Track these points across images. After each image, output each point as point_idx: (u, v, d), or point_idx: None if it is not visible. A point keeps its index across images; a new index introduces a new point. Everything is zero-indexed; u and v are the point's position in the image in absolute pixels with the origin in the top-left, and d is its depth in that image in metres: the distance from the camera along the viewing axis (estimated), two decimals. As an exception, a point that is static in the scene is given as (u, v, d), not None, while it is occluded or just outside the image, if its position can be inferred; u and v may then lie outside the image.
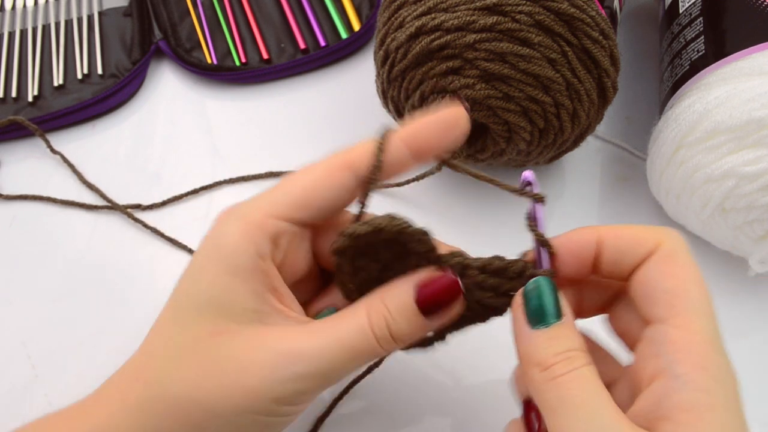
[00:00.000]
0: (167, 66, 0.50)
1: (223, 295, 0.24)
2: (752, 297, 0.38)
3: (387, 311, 0.24)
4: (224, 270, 0.24)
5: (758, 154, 0.31)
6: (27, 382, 0.36)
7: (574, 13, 0.32)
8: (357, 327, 0.24)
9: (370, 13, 0.49)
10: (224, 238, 0.25)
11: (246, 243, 0.25)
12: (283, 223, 0.25)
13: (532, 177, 0.26)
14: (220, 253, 0.25)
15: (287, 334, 0.24)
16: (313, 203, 0.25)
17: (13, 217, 0.43)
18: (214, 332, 0.24)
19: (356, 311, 0.25)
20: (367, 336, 0.24)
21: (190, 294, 0.25)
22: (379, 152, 0.25)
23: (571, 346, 0.23)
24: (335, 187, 0.25)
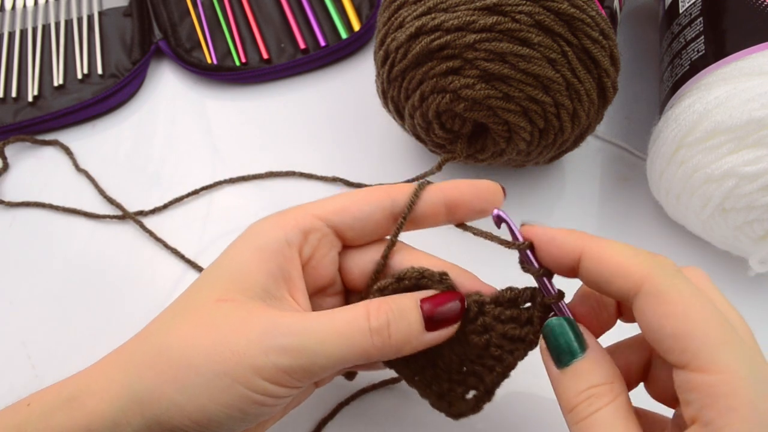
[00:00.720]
0: (167, 66, 0.50)
1: (241, 267, 0.26)
2: (752, 297, 0.38)
3: (390, 309, 0.25)
4: (248, 247, 0.26)
5: (758, 154, 0.31)
6: (27, 382, 0.36)
7: (574, 13, 0.32)
8: (352, 317, 0.25)
9: (370, 13, 0.49)
10: (261, 225, 0.27)
11: (275, 229, 0.26)
12: (317, 221, 0.27)
13: (505, 215, 0.26)
14: (251, 236, 0.27)
15: (284, 314, 0.25)
16: (349, 212, 0.27)
17: (14, 218, 0.43)
18: (221, 299, 0.25)
19: (356, 305, 0.25)
20: (360, 327, 0.24)
21: (214, 269, 0.27)
22: (418, 191, 0.27)
23: (593, 382, 0.22)
24: (372, 205, 0.27)
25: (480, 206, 0.27)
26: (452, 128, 0.36)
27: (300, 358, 0.24)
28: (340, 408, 0.34)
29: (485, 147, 0.37)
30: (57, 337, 0.38)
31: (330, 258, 0.28)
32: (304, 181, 0.43)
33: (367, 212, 0.27)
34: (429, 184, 0.28)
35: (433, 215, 0.28)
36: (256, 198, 0.43)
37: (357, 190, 0.28)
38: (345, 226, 0.27)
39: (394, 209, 0.28)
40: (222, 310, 0.25)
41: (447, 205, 0.28)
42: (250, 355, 0.23)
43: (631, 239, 0.40)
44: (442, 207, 0.28)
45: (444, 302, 0.26)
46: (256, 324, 0.24)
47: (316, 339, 0.24)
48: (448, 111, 0.35)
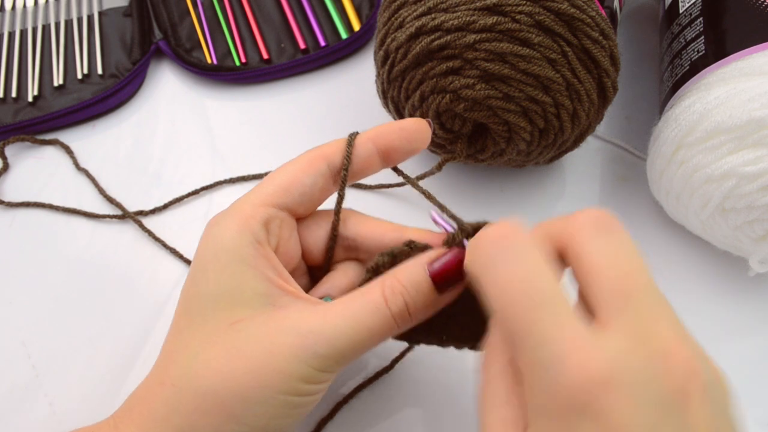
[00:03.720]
0: (167, 66, 0.50)
1: (233, 284, 0.25)
2: (752, 297, 0.38)
3: (404, 288, 0.25)
4: (229, 261, 0.26)
5: (758, 154, 0.31)
6: (27, 382, 0.36)
7: (574, 13, 0.32)
8: (372, 305, 0.25)
9: (370, 13, 0.49)
10: (221, 233, 0.26)
11: (243, 232, 0.26)
12: (271, 209, 0.27)
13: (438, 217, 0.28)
14: (221, 247, 0.26)
15: (304, 316, 0.25)
16: (294, 189, 0.27)
17: (14, 218, 0.43)
18: (233, 322, 0.25)
19: (370, 290, 0.26)
20: (383, 313, 0.25)
21: (200, 291, 0.26)
22: (350, 146, 0.28)
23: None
24: (312, 174, 0.28)
25: (411, 147, 0.29)
26: (452, 128, 0.36)
27: (336, 358, 0.25)
28: (339, 407, 0.34)
29: (485, 147, 0.37)
30: (57, 337, 0.38)
31: (293, 239, 0.29)
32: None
33: (310, 183, 0.28)
34: (357, 136, 0.29)
35: (369, 165, 0.29)
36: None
37: (291, 162, 0.28)
38: (294, 203, 0.28)
39: (333, 170, 0.28)
40: (242, 334, 0.25)
41: (380, 153, 0.29)
42: (293, 370, 0.24)
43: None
44: (376, 156, 0.28)
45: (450, 263, 0.26)
46: (284, 341, 0.24)
47: (346, 338, 0.25)
48: (448, 111, 0.35)
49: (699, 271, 0.39)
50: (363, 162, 0.28)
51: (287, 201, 0.27)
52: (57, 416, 0.35)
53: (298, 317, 0.25)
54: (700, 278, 0.39)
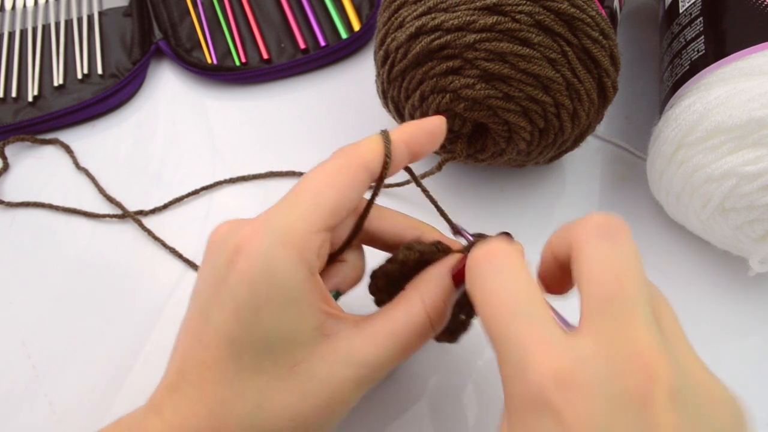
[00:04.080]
0: (167, 66, 0.50)
1: (291, 327, 0.24)
2: (752, 297, 0.38)
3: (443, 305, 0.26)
4: (286, 303, 0.24)
5: (758, 154, 0.31)
6: (27, 382, 0.36)
7: (574, 13, 0.32)
8: (417, 321, 0.26)
9: (370, 13, 0.49)
10: (275, 269, 0.23)
11: (300, 267, 0.24)
12: (324, 234, 0.25)
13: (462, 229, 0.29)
14: (276, 287, 0.24)
15: (356, 345, 0.25)
16: (343, 208, 0.26)
17: (14, 218, 0.43)
18: (292, 365, 0.24)
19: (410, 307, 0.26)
20: (425, 327, 0.26)
21: (254, 337, 0.24)
22: (388, 151, 0.27)
23: None
24: (357, 188, 0.26)
25: (432, 147, 0.29)
26: (452, 128, 0.36)
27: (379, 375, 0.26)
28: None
29: (485, 147, 0.37)
30: (57, 337, 0.38)
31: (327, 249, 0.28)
32: (304, 181, 0.43)
33: (356, 199, 0.26)
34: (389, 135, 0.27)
35: (398, 166, 0.28)
36: (256, 198, 0.43)
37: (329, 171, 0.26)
38: (340, 220, 0.26)
39: (372, 178, 0.27)
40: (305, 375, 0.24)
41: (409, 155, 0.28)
42: (354, 398, 0.26)
43: (631, 239, 0.40)
44: (407, 159, 0.28)
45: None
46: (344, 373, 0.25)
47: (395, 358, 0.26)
48: (448, 111, 0.35)
49: (699, 271, 0.39)
50: (396, 167, 0.27)
51: (335, 222, 0.26)
52: (57, 416, 0.35)
53: (351, 347, 0.25)
54: (700, 278, 0.39)
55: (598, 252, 0.21)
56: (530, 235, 0.41)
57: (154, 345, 0.37)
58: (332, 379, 0.25)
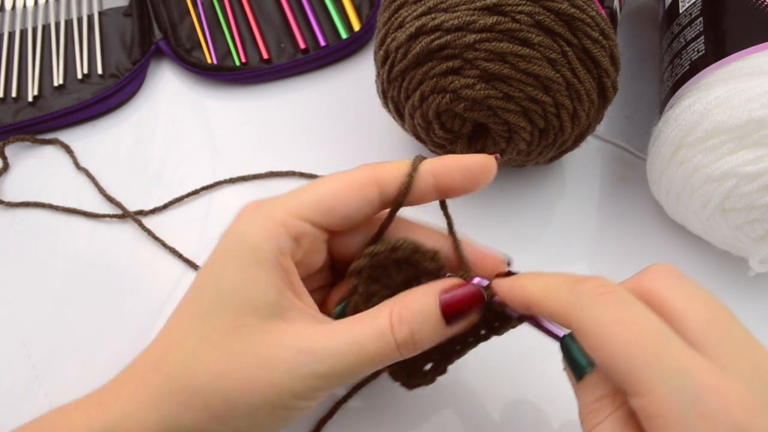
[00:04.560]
0: (167, 66, 0.50)
1: (246, 287, 0.25)
2: (752, 297, 0.38)
3: (411, 317, 0.25)
4: (247, 263, 0.25)
5: (758, 154, 0.31)
6: (27, 382, 0.36)
7: (574, 13, 0.32)
8: (377, 331, 0.24)
9: (370, 13, 0.49)
10: (248, 232, 0.25)
11: (270, 238, 0.25)
12: (306, 225, 0.26)
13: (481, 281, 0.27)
14: (243, 247, 0.25)
15: (307, 332, 0.25)
16: (336, 211, 0.26)
17: (14, 218, 0.43)
18: (236, 325, 0.25)
19: (378, 315, 0.25)
20: (387, 341, 0.24)
21: (214, 286, 0.26)
22: (411, 178, 0.26)
23: (598, 395, 0.23)
24: (360, 200, 0.26)
25: (472, 187, 0.27)
26: (452, 128, 0.36)
27: (332, 378, 0.24)
28: (338, 407, 0.34)
29: (485, 147, 0.37)
30: (57, 337, 0.38)
31: (320, 254, 0.28)
32: (304, 181, 0.44)
33: (355, 209, 0.26)
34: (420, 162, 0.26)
35: (422, 198, 0.27)
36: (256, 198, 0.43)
37: (341, 177, 0.26)
38: (333, 224, 0.26)
39: (383, 198, 0.26)
40: (244, 341, 0.24)
41: (437, 188, 0.27)
42: (287, 385, 0.24)
43: (631, 239, 0.40)
44: (433, 191, 0.27)
45: (466, 299, 0.25)
46: (284, 355, 0.24)
47: (346, 361, 0.24)
48: (448, 111, 0.35)
49: (699, 271, 0.39)
50: (417, 195, 0.27)
51: (326, 221, 0.26)
52: (57, 416, 0.35)
53: (301, 333, 0.25)
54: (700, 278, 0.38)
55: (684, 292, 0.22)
56: (530, 235, 0.41)
57: (154, 345, 0.37)
58: (266, 354, 0.24)
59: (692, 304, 0.22)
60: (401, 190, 0.26)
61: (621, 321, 0.21)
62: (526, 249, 0.40)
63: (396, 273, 0.27)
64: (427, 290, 0.26)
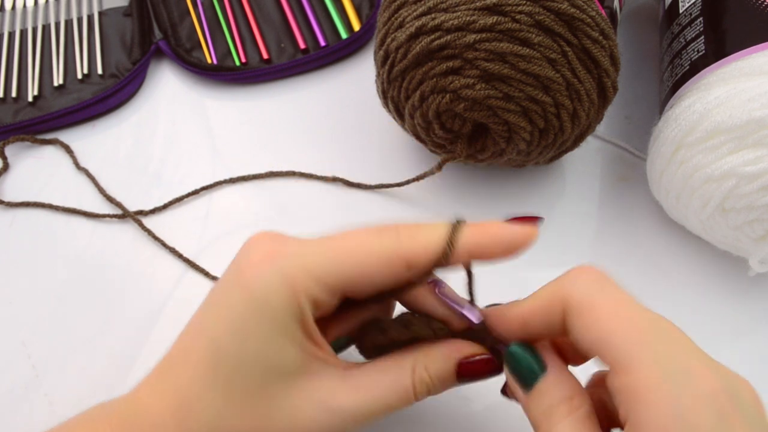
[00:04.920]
0: (167, 66, 0.50)
1: (271, 354, 0.25)
2: (752, 297, 0.38)
3: (430, 380, 0.26)
4: (272, 331, 0.24)
5: (758, 154, 0.31)
6: (27, 382, 0.36)
7: (574, 13, 0.32)
8: (401, 389, 0.25)
9: (370, 13, 0.49)
10: (270, 297, 0.24)
11: (291, 306, 0.24)
12: (326, 294, 0.25)
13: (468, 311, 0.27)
14: (266, 316, 0.24)
15: (334, 390, 0.25)
16: (359, 285, 0.25)
17: (14, 217, 0.43)
18: (262, 387, 0.25)
19: (400, 372, 0.26)
20: (408, 397, 0.26)
21: (237, 355, 0.25)
22: (445, 258, 0.24)
23: (553, 400, 0.23)
24: (386, 275, 0.25)
25: (507, 255, 0.25)
26: (452, 128, 0.36)
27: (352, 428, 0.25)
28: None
29: (485, 147, 0.37)
30: (57, 337, 0.38)
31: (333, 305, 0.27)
32: (304, 181, 0.44)
33: (379, 284, 0.25)
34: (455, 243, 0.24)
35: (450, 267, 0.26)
36: (256, 198, 0.43)
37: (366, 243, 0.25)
38: (353, 292, 0.26)
39: (411, 271, 0.25)
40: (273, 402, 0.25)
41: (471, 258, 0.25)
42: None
43: (631, 239, 0.40)
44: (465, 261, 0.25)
45: (482, 368, 0.26)
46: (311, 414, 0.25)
47: (368, 414, 0.25)
48: (448, 111, 0.35)
49: (699, 271, 0.39)
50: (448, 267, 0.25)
51: (346, 292, 0.25)
52: (57, 416, 0.35)
53: (328, 391, 0.25)
54: (700, 278, 0.39)
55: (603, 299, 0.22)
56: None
57: (154, 345, 0.37)
58: (298, 414, 0.25)
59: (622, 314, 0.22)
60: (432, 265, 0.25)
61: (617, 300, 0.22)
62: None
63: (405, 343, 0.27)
64: (448, 354, 0.26)
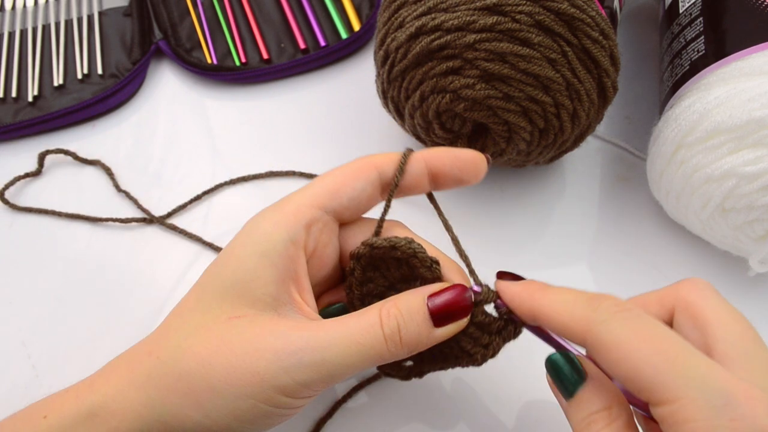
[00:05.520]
0: (167, 66, 0.50)
1: (248, 277, 0.25)
2: (752, 297, 0.38)
3: (399, 313, 0.25)
4: (253, 252, 0.26)
5: (758, 154, 0.31)
6: (27, 382, 0.36)
7: (574, 13, 0.32)
8: (367, 325, 0.25)
9: (370, 13, 0.49)
10: (258, 225, 0.27)
11: (278, 228, 0.26)
12: (316, 210, 0.27)
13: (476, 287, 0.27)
14: (252, 237, 0.26)
15: (299, 325, 0.25)
16: (342, 193, 0.27)
17: (14, 218, 0.43)
18: (232, 316, 0.25)
19: (368, 311, 0.26)
20: (376, 334, 0.25)
21: (218, 276, 0.26)
22: (404, 161, 0.28)
23: (592, 409, 0.23)
24: (362, 180, 0.28)
25: (461, 177, 0.28)
26: (452, 128, 0.36)
27: (320, 372, 0.24)
28: (338, 406, 0.34)
29: (485, 147, 0.37)
30: (57, 337, 0.38)
31: (333, 245, 0.28)
32: (304, 180, 0.44)
33: (360, 189, 0.28)
34: (412, 153, 0.28)
35: (417, 184, 0.29)
36: (257, 198, 0.43)
37: (342, 167, 0.28)
38: (341, 207, 0.28)
39: (382, 180, 0.28)
40: (236, 329, 0.25)
41: (430, 175, 0.28)
42: (271, 376, 0.24)
43: (631, 239, 0.40)
44: (426, 176, 0.28)
45: (453, 301, 0.26)
46: (271, 343, 0.24)
47: (335, 352, 0.24)
48: (448, 111, 0.35)
49: (699, 271, 0.39)
50: (413, 179, 0.28)
51: (334, 204, 0.27)
52: (57, 416, 0.35)
53: (292, 325, 0.25)
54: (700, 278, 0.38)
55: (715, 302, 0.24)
56: (530, 235, 0.41)
57: (154, 345, 0.37)
58: (255, 343, 0.24)
59: (725, 317, 0.23)
60: (397, 170, 0.28)
61: (644, 335, 0.21)
62: (526, 249, 0.40)
63: (395, 268, 0.28)
64: (416, 291, 0.26)
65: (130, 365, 0.26)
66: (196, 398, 0.24)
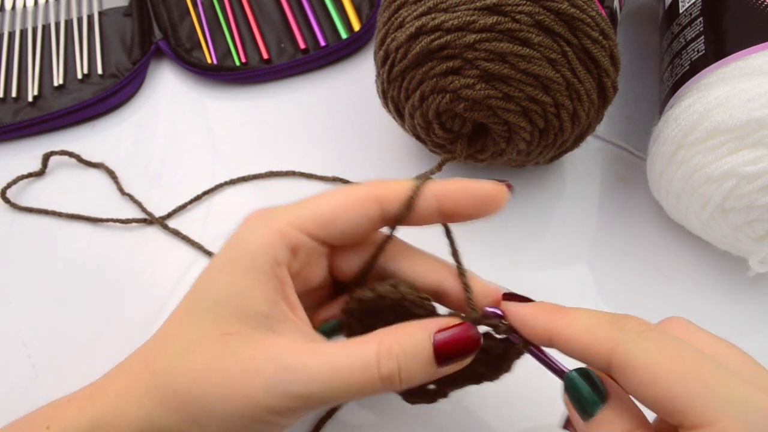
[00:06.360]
0: (167, 66, 0.50)
1: (240, 294, 0.25)
2: (752, 297, 0.38)
3: (402, 352, 0.24)
4: (244, 270, 0.25)
5: (758, 154, 0.31)
6: (27, 382, 0.36)
7: (574, 13, 0.32)
8: (362, 361, 0.23)
9: (370, 13, 0.49)
10: (248, 241, 0.26)
11: (267, 247, 0.25)
12: (304, 237, 0.26)
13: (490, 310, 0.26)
14: (242, 254, 0.25)
15: (292, 349, 0.24)
16: (335, 224, 0.26)
17: (14, 217, 0.43)
18: (226, 332, 0.25)
19: (366, 344, 0.24)
20: (370, 373, 0.23)
21: (209, 290, 0.26)
22: (412, 199, 0.26)
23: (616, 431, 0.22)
24: (359, 215, 0.26)
25: (479, 213, 0.26)
26: (452, 128, 0.36)
27: (311, 402, 0.24)
28: (338, 406, 0.34)
29: (485, 147, 0.37)
30: (57, 337, 0.38)
31: (319, 266, 0.28)
32: (304, 181, 0.44)
33: (355, 224, 0.26)
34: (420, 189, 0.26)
35: (424, 220, 0.26)
36: (256, 198, 0.43)
37: (344, 191, 0.26)
38: (331, 238, 0.26)
39: (384, 215, 0.26)
40: (229, 347, 0.24)
41: (441, 211, 0.26)
42: (263, 400, 0.23)
43: (631, 239, 0.40)
44: (436, 214, 0.26)
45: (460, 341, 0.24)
46: (263, 368, 0.24)
47: (324, 387, 0.23)
48: (448, 111, 0.35)
49: (699, 271, 0.39)
50: (419, 217, 0.26)
51: (324, 234, 0.26)
52: (57, 416, 0.35)
53: (285, 348, 0.24)
54: (700, 278, 0.39)
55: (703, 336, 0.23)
56: (530, 235, 0.41)
57: (154, 345, 0.37)
58: (249, 365, 0.24)
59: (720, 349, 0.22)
60: (401, 210, 0.26)
61: (675, 356, 0.20)
62: (526, 249, 0.40)
63: (389, 311, 0.27)
64: (421, 326, 0.24)
65: (129, 377, 0.26)
66: (191, 415, 0.24)
